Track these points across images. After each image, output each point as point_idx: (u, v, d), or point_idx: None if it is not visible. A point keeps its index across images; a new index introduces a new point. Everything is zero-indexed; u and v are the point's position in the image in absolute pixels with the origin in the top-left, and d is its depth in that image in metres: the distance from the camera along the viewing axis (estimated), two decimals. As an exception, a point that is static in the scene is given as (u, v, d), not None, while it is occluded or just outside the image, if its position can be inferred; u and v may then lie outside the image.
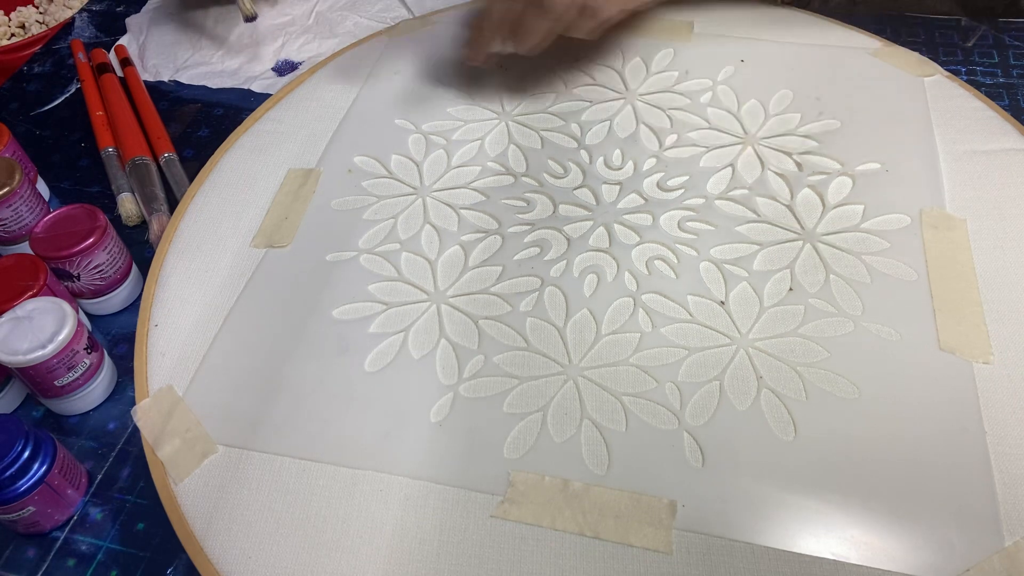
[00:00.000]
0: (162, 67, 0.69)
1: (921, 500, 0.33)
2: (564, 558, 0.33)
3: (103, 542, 0.41)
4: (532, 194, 0.46)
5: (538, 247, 0.44)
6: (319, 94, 0.54)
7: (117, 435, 0.46)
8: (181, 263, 0.45)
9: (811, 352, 0.38)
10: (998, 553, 0.32)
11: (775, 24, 0.55)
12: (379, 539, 0.34)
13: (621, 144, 0.49)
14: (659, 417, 0.36)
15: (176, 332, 0.42)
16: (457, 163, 0.49)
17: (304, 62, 0.69)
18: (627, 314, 0.40)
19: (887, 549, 0.32)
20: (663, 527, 0.33)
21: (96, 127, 0.63)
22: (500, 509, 0.34)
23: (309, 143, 0.51)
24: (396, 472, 0.36)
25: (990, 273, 0.40)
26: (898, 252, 0.42)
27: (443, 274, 0.43)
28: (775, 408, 0.36)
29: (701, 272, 0.42)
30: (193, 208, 0.48)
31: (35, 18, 0.96)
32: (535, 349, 0.39)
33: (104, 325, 0.52)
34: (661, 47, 0.54)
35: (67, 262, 0.48)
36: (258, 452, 0.37)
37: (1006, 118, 0.48)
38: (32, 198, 0.53)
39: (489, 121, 0.51)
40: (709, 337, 0.39)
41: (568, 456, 0.36)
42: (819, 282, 0.41)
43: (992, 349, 0.38)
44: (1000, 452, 0.34)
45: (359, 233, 0.45)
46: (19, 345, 0.42)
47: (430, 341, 0.40)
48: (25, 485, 0.39)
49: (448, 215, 0.46)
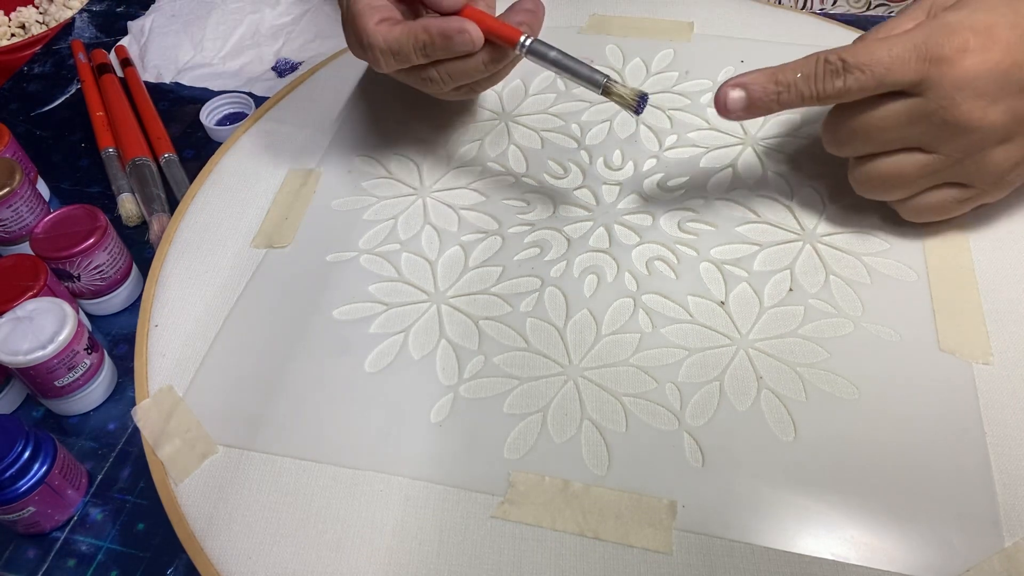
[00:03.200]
0: (163, 69, 0.69)
1: (921, 500, 0.33)
2: (564, 558, 0.33)
3: (103, 542, 0.41)
4: (532, 194, 0.47)
5: (538, 247, 0.44)
6: (319, 94, 0.54)
7: (117, 435, 0.46)
8: (181, 263, 0.45)
9: (811, 353, 0.38)
10: (998, 553, 0.32)
11: (775, 24, 0.55)
12: (379, 539, 0.34)
13: (621, 144, 0.49)
14: (659, 417, 0.36)
15: (176, 332, 0.42)
16: (457, 163, 0.49)
17: (304, 62, 0.69)
18: (627, 314, 0.40)
19: (887, 549, 0.32)
20: (663, 527, 0.33)
21: (96, 127, 0.63)
22: (500, 509, 0.34)
23: (309, 143, 0.51)
24: (396, 472, 0.36)
25: (990, 274, 0.40)
26: (898, 253, 0.42)
27: (443, 274, 0.43)
28: (775, 408, 0.36)
29: (701, 272, 0.42)
30: (193, 208, 0.48)
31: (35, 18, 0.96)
32: (535, 350, 0.39)
33: (104, 325, 0.52)
34: (661, 47, 0.54)
35: (67, 262, 0.48)
36: (258, 452, 0.37)
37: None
38: (32, 198, 0.53)
39: (489, 122, 0.51)
40: (709, 338, 0.39)
41: (568, 456, 0.36)
42: (819, 283, 0.41)
43: (992, 350, 0.38)
44: (1000, 452, 0.34)
45: (359, 233, 0.45)
46: (19, 345, 0.42)
47: (430, 341, 0.40)
48: (25, 485, 0.39)
49: (448, 215, 0.46)
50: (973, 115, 0.35)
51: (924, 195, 0.39)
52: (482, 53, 0.40)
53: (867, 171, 0.39)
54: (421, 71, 0.42)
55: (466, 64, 0.40)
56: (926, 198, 0.39)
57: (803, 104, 0.38)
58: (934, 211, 0.40)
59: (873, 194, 0.40)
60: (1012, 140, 0.36)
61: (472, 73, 0.41)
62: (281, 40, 0.71)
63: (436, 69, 0.41)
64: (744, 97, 0.39)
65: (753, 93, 0.38)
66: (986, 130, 0.35)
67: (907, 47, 0.35)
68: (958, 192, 0.39)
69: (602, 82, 0.38)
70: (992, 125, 0.35)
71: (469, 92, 0.45)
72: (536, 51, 0.39)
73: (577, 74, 0.39)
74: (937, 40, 0.35)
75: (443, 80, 0.41)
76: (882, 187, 0.39)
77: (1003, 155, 0.37)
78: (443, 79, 0.41)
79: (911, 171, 0.38)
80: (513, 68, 0.45)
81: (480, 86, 0.44)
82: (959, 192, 0.39)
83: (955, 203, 0.39)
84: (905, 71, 0.35)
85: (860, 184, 0.40)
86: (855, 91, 0.36)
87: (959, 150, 0.36)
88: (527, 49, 0.39)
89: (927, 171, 0.38)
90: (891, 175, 0.38)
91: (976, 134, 0.36)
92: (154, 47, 0.71)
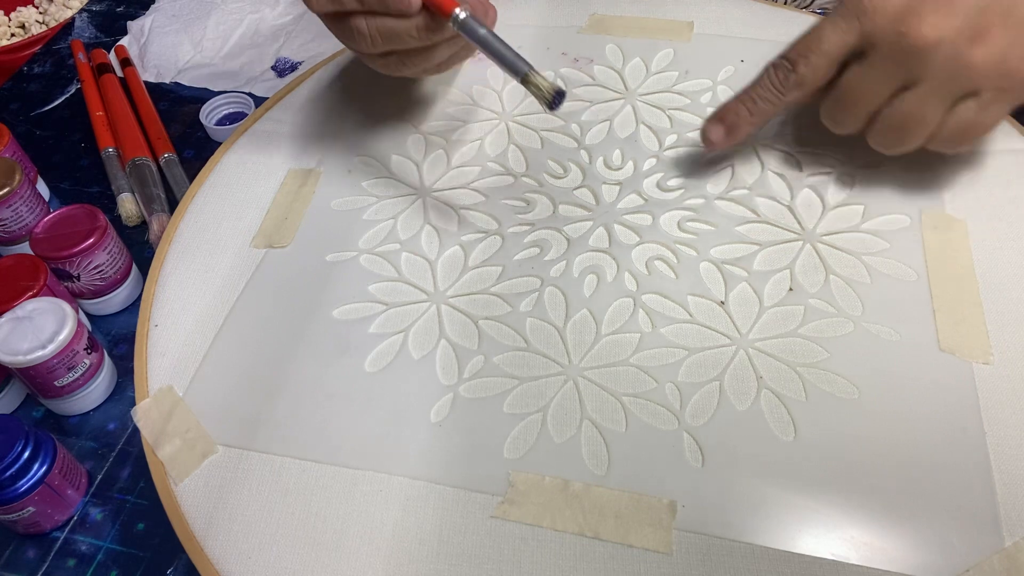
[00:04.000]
0: (163, 69, 0.69)
1: (921, 500, 0.33)
2: (564, 558, 0.33)
3: (103, 542, 0.41)
4: (532, 194, 0.47)
5: (538, 247, 0.44)
6: (319, 94, 0.54)
7: (117, 435, 0.46)
8: (181, 263, 0.45)
9: (811, 352, 0.38)
10: (998, 553, 0.32)
11: (775, 24, 0.55)
12: (379, 539, 0.34)
13: (621, 144, 0.49)
14: (659, 417, 0.36)
15: (176, 332, 0.42)
16: (457, 163, 0.49)
17: (304, 62, 0.69)
18: (627, 314, 0.40)
19: (887, 549, 0.32)
20: (663, 527, 0.33)
21: (96, 127, 0.63)
22: (500, 509, 0.34)
23: (309, 143, 0.51)
24: (396, 472, 0.36)
25: (990, 274, 0.40)
26: (898, 253, 0.42)
27: (443, 274, 0.43)
28: (775, 408, 0.36)
29: (701, 272, 0.42)
30: (193, 208, 0.48)
31: (35, 18, 0.96)
32: (535, 349, 0.39)
33: (104, 325, 0.52)
34: (661, 47, 0.54)
35: (67, 262, 0.48)
36: (258, 452, 0.37)
37: (1006, 119, 0.48)
38: (32, 198, 0.53)
39: (489, 121, 0.51)
40: (709, 337, 0.39)
41: (568, 456, 0.36)
42: (819, 282, 0.41)
43: (992, 349, 0.38)
44: (1000, 452, 0.34)
45: (359, 233, 0.45)
46: (19, 345, 0.42)
47: (430, 341, 0.40)
48: (25, 485, 0.39)
49: (448, 215, 0.46)
50: (926, 33, 0.36)
51: (948, 120, 0.39)
52: (417, 18, 0.39)
53: (879, 131, 0.40)
54: (352, 19, 0.40)
55: (398, 25, 0.39)
56: (951, 122, 0.39)
57: (776, 111, 0.41)
58: (966, 130, 0.39)
59: (902, 146, 0.40)
60: (983, 34, 0.36)
61: (404, 37, 0.40)
62: (281, 40, 0.71)
63: (367, 21, 0.40)
64: (722, 127, 0.43)
65: (728, 120, 0.43)
66: (948, 38, 0.36)
67: (832, 18, 0.38)
68: (974, 101, 0.38)
69: (523, 71, 0.38)
70: (950, 30, 0.36)
71: (399, 65, 0.43)
72: (467, 26, 0.38)
73: (502, 58, 0.38)
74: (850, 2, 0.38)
75: (372, 38, 0.40)
76: (902, 136, 0.39)
77: (982, 52, 0.36)
78: (372, 36, 0.40)
79: (914, 107, 0.38)
80: (456, 61, 0.45)
81: (411, 60, 0.43)
82: (975, 101, 0.38)
83: (981, 111, 0.38)
84: (842, 35, 0.38)
85: (885, 145, 0.41)
86: (811, 77, 0.39)
87: (939, 68, 0.37)
88: (459, 23, 0.38)
89: (927, 99, 0.38)
90: (901, 121, 0.39)
91: (943, 46, 0.36)
92: (154, 47, 0.71)
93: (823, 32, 0.39)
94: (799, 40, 0.40)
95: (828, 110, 0.41)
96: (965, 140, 0.40)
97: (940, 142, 0.40)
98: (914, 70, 0.37)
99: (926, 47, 0.36)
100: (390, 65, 0.44)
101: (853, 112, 0.40)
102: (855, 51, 0.38)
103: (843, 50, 0.38)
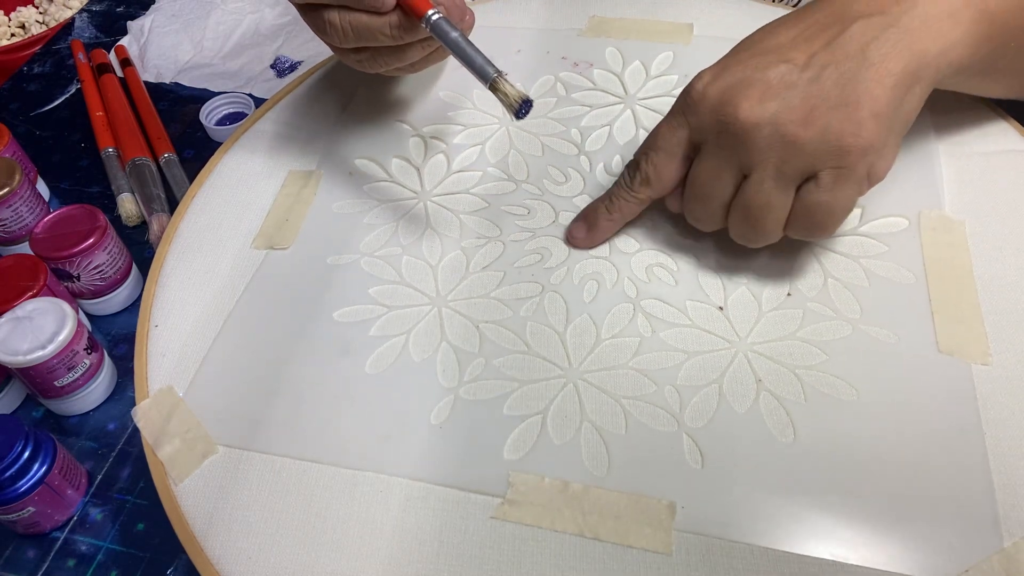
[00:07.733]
0: (163, 69, 0.69)
1: (920, 501, 0.33)
2: (564, 559, 0.33)
3: (103, 542, 0.41)
4: (533, 201, 0.47)
5: (539, 254, 0.44)
6: (319, 94, 0.54)
7: (117, 435, 0.46)
8: (181, 264, 0.45)
9: (810, 355, 0.38)
10: (997, 554, 0.32)
11: (774, 28, 0.55)
12: (379, 540, 0.34)
13: (621, 150, 0.49)
14: (659, 419, 0.37)
15: (176, 333, 0.42)
16: (457, 167, 0.49)
17: (304, 62, 0.69)
18: (627, 319, 0.40)
19: (886, 549, 0.32)
20: (663, 528, 0.33)
21: (96, 127, 0.63)
22: (500, 510, 0.34)
23: (309, 144, 0.51)
24: (396, 473, 0.36)
25: (989, 275, 0.41)
26: (896, 255, 0.42)
27: (444, 278, 0.43)
28: (774, 410, 0.37)
29: (700, 278, 0.42)
30: (193, 208, 0.48)
31: (35, 18, 0.96)
32: (535, 353, 0.39)
33: (104, 325, 0.52)
34: (660, 50, 0.55)
35: (67, 262, 0.48)
36: (258, 453, 0.37)
37: (1006, 120, 0.48)
38: (32, 198, 0.54)
39: (490, 126, 0.51)
40: (708, 341, 0.39)
41: (568, 458, 0.36)
42: (817, 286, 0.41)
43: (990, 351, 0.38)
44: (999, 453, 0.34)
45: (360, 236, 0.45)
46: (19, 345, 0.42)
47: (431, 344, 0.40)
48: (25, 485, 0.39)
49: (449, 220, 0.46)
50: (743, 118, 0.35)
51: (796, 206, 0.37)
52: (391, 16, 0.39)
53: (734, 223, 0.38)
54: (326, 12, 0.40)
55: (371, 21, 0.39)
56: (798, 207, 0.37)
57: (635, 209, 0.42)
58: (814, 214, 0.37)
59: (760, 236, 0.38)
60: (807, 115, 0.35)
61: (376, 35, 0.40)
62: (281, 39, 0.71)
63: (340, 15, 0.40)
64: (584, 225, 0.43)
65: (589, 219, 0.43)
66: (766, 120, 0.35)
67: (667, 114, 0.39)
68: (814, 183, 0.36)
69: (491, 76, 0.37)
70: (768, 114, 0.35)
71: (371, 61, 0.43)
72: (439, 28, 0.38)
73: (471, 63, 0.38)
74: (679, 98, 0.39)
75: (344, 32, 0.40)
76: (756, 225, 0.38)
77: (807, 132, 0.35)
78: (345, 31, 0.40)
79: (756, 195, 0.37)
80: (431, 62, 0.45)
81: (384, 58, 0.43)
82: (815, 183, 0.36)
83: (825, 192, 0.36)
84: (673, 130, 0.39)
85: (745, 237, 0.39)
86: (654, 174, 0.40)
87: (766, 151, 0.35)
88: (431, 24, 0.38)
89: (765, 185, 0.36)
90: (748, 210, 0.37)
91: (763, 128, 0.35)
92: (154, 47, 0.71)
93: (659, 129, 0.39)
94: (645, 139, 0.40)
95: (686, 207, 0.40)
96: (819, 225, 0.37)
97: (796, 229, 0.38)
98: (743, 156, 0.36)
99: (746, 131, 0.35)
100: (363, 62, 0.44)
101: (706, 206, 0.39)
102: (694, 145, 0.38)
103: (679, 145, 0.39)
